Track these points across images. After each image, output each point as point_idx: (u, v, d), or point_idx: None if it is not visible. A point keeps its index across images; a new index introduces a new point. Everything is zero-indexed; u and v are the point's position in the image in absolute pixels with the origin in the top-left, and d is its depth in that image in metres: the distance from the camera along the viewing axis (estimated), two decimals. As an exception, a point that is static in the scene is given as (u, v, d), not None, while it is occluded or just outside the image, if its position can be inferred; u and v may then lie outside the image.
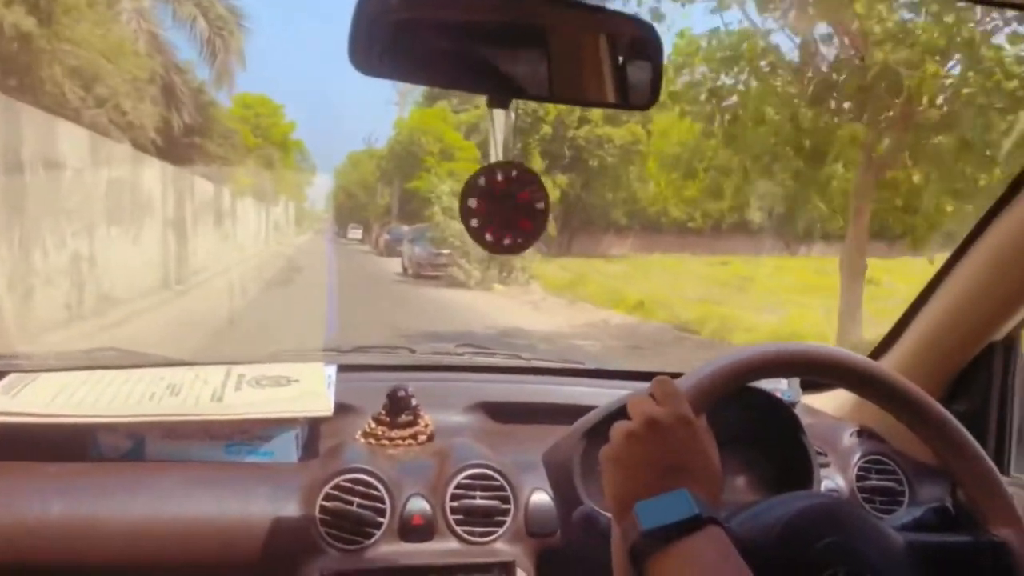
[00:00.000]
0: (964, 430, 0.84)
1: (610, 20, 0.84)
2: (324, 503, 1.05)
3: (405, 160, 24.25)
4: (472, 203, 0.81)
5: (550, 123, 22.35)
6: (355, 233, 38.09)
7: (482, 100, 0.82)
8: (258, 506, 1.05)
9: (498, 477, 1.12)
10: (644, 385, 0.77)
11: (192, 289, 11.87)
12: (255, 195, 21.15)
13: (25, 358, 1.44)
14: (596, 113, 20.48)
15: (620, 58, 0.84)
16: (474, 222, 0.82)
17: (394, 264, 18.16)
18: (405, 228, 20.70)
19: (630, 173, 22.99)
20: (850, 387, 0.90)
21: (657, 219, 24.42)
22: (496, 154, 0.85)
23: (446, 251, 15.02)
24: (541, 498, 1.12)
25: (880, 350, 1.41)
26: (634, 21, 0.86)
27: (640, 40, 0.85)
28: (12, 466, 1.07)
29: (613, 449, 0.72)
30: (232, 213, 17.34)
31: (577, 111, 20.73)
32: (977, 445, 0.84)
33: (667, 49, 1.48)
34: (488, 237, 0.82)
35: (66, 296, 7.99)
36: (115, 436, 1.14)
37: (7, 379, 1.21)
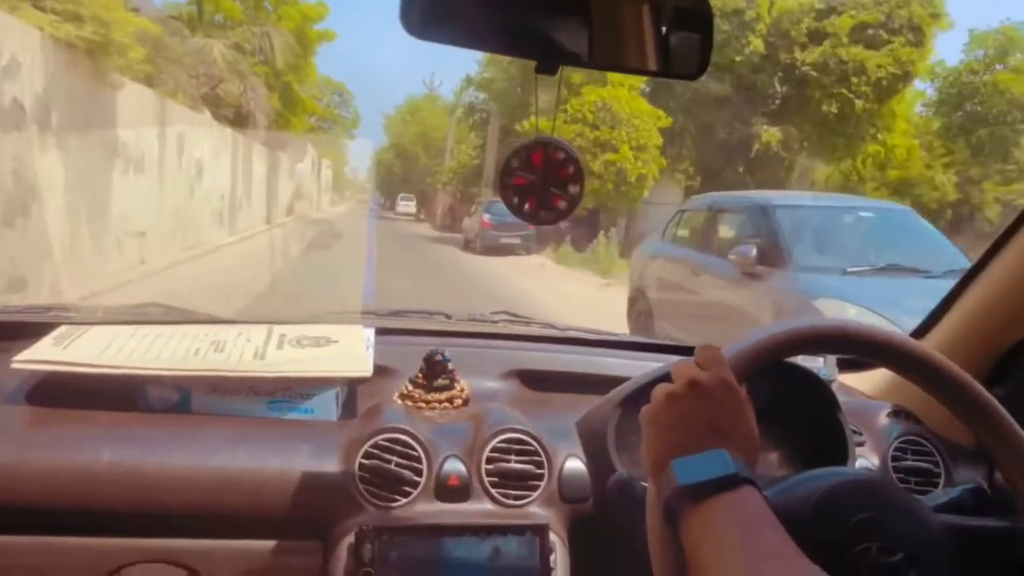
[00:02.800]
0: (1006, 413, 0.83)
1: None
2: (363, 460, 1.07)
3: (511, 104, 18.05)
4: (512, 176, 0.83)
5: (760, 35, 16.07)
6: (406, 206, 32.85)
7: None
8: (299, 461, 1.08)
9: (532, 442, 1.13)
10: (678, 358, 0.78)
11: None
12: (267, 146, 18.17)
13: (75, 310, 1.49)
14: (838, 26, 15.26)
15: (663, 27, 0.83)
16: (511, 193, 0.83)
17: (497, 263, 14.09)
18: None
19: (891, 123, 16.50)
20: (891, 366, 0.89)
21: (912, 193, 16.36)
22: (537, 124, 0.85)
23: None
24: (575, 464, 1.14)
25: (922, 330, 1.40)
26: None
27: (689, 8, 0.84)
28: (65, 414, 1.11)
29: (654, 408, 0.73)
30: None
31: (805, 20, 15.64)
32: (1019, 429, 0.83)
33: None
34: (527, 207, 0.84)
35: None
36: (163, 389, 1.18)
37: (58, 330, 1.25)
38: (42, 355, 1.16)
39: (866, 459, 1.24)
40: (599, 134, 15.70)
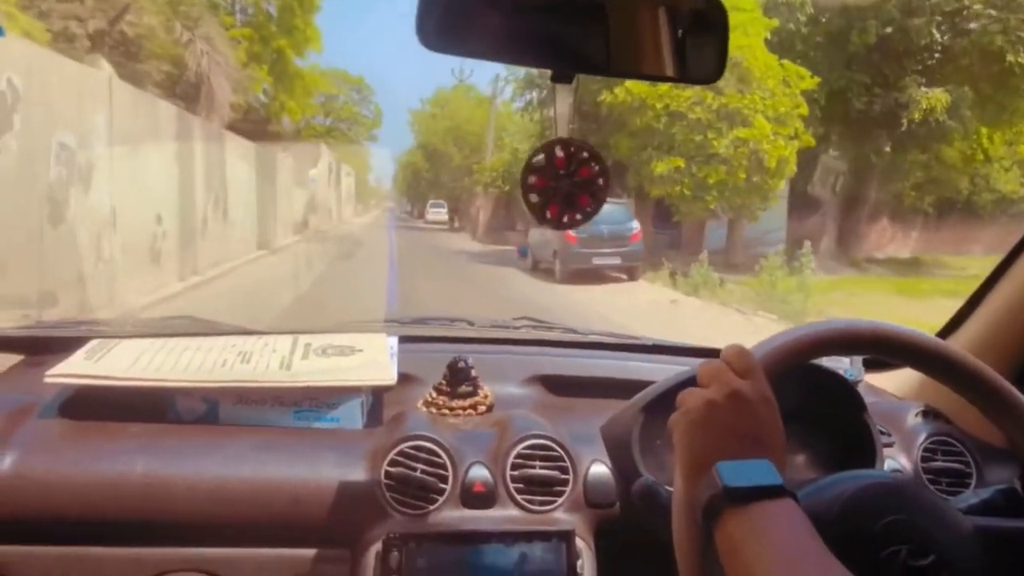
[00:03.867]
0: None
1: None
2: (389, 468, 1.08)
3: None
4: (532, 179, 0.82)
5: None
6: (437, 213, 28.71)
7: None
8: (326, 470, 1.09)
9: (557, 448, 1.14)
10: (700, 361, 0.78)
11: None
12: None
13: (105, 324, 1.52)
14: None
15: (683, 29, 0.83)
16: (534, 197, 0.83)
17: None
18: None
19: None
20: (919, 367, 0.88)
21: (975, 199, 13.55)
22: (557, 130, 0.85)
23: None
24: (600, 469, 1.14)
25: (949, 329, 1.38)
26: None
27: (702, 14, 0.84)
28: (97, 426, 1.13)
29: (691, 413, 0.73)
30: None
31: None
32: None
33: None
34: (549, 214, 0.84)
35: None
36: (191, 400, 1.19)
37: (90, 344, 1.28)
38: (75, 369, 1.19)
39: (895, 460, 1.23)
40: (725, 101, 11.65)
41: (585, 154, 0.82)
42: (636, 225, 12.46)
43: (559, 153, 0.82)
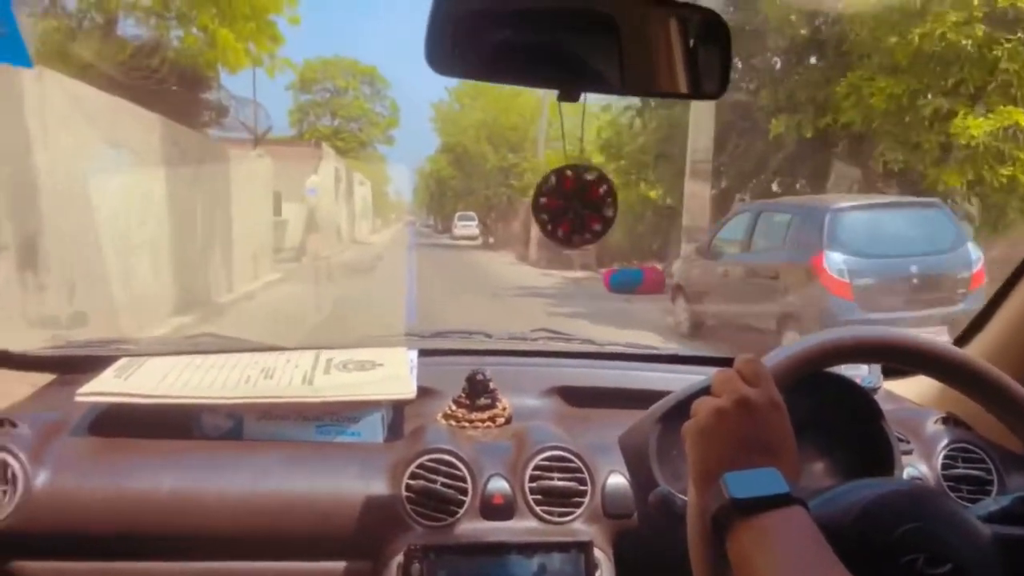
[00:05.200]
0: None
1: (676, 9, 0.85)
2: (410, 481, 1.10)
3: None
4: (543, 200, 0.85)
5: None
6: (466, 227, 24.06)
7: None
8: (348, 484, 1.11)
9: (575, 459, 1.15)
10: (716, 371, 0.78)
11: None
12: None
13: (133, 343, 1.55)
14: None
15: (691, 44, 0.85)
16: (545, 217, 0.85)
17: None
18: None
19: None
20: (935, 375, 0.88)
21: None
22: (564, 149, 0.87)
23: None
24: (618, 480, 1.14)
25: (965, 337, 1.37)
26: (700, 10, 0.86)
27: (708, 28, 0.86)
28: (126, 443, 1.16)
29: (701, 422, 0.73)
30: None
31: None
32: None
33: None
34: (560, 232, 0.86)
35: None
36: (217, 416, 1.22)
37: (119, 363, 1.31)
38: (104, 387, 1.22)
39: (915, 468, 1.22)
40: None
41: (591, 176, 0.84)
42: (978, 257, 6.04)
43: (568, 174, 0.84)
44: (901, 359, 0.88)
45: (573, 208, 0.85)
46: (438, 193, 27.78)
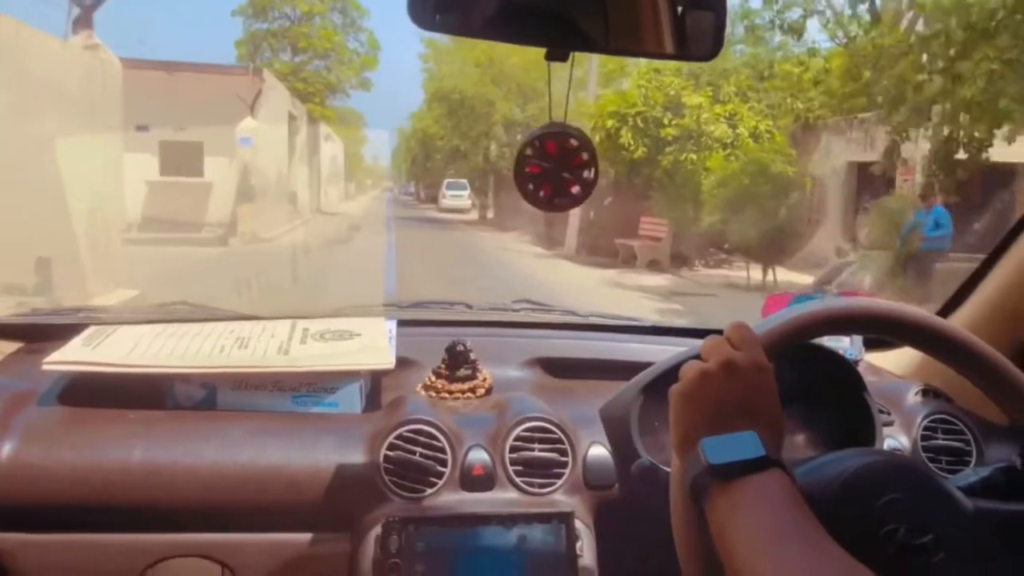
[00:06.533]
0: None
1: None
2: (388, 452, 1.08)
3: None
4: (527, 165, 0.83)
5: None
6: (456, 197, 20.77)
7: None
8: (325, 454, 1.09)
9: (556, 430, 1.14)
10: (699, 342, 0.77)
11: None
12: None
13: (103, 311, 1.51)
14: None
15: (679, 7, 0.82)
16: (527, 181, 0.83)
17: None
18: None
19: None
20: (918, 345, 0.88)
21: None
22: (550, 113, 0.84)
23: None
24: (599, 451, 1.14)
25: (948, 308, 1.37)
26: None
27: None
28: (96, 413, 1.13)
29: (684, 385, 0.73)
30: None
31: None
32: None
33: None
34: (541, 194, 0.84)
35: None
36: (189, 386, 1.19)
37: (87, 331, 1.28)
38: (72, 356, 1.18)
39: (895, 439, 1.23)
40: None
41: (575, 142, 0.82)
42: None
43: (551, 140, 0.82)
44: (886, 330, 0.88)
45: (554, 172, 0.83)
46: (422, 156, 23.13)
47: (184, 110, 11.33)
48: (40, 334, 1.35)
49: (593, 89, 14.33)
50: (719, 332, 0.77)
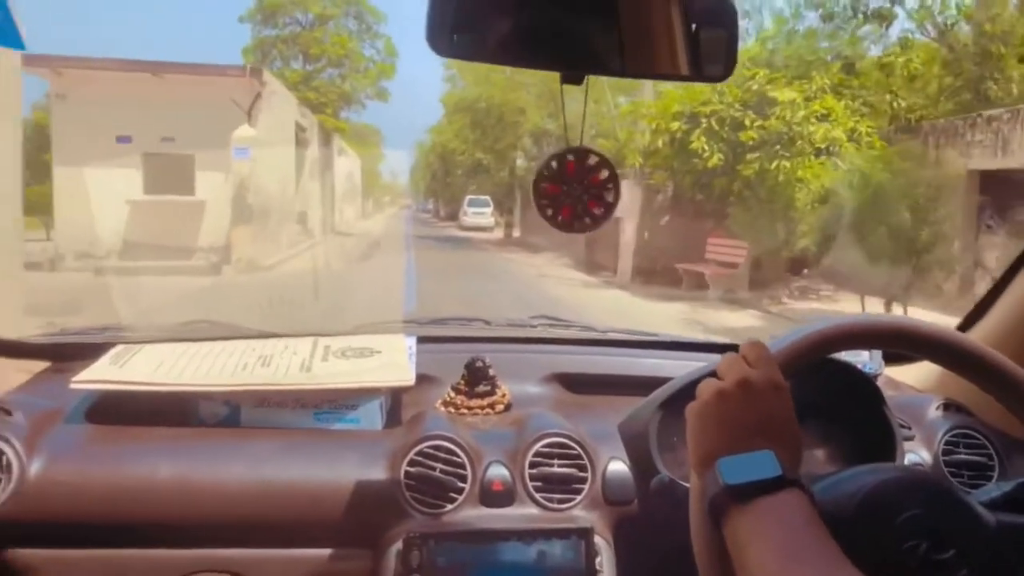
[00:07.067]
0: None
1: None
2: (408, 468, 1.09)
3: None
4: (545, 186, 0.83)
5: None
6: (478, 214, 19.54)
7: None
8: (347, 471, 1.11)
9: (575, 446, 1.14)
10: (718, 357, 0.78)
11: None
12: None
13: (129, 330, 1.54)
14: None
15: (693, 26, 0.83)
16: (546, 203, 0.84)
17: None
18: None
19: None
20: (938, 360, 0.87)
21: None
22: (567, 136, 0.85)
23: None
24: (618, 467, 1.14)
25: (968, 323, 1.37)
26: None
27: (712, 11, 0.84)
28: (122, 431, 1.15)
29: (701, 405, 0.73)
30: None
31: None
32: None
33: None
34: (561, 217, 0.85)
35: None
36: (213, 404, 1.21)
37: (115, 350, 1.30)
38: (100, 375, 1.21)
39: (916, 454, 1.22)
40: None
41: (595, 160, 0.83)
42: None
43: (570, 158, 0.82)
44: (906, 345, 0.87)
45: (574, 193, 0.84)
46: (441, 172, 22.22)
47: (173, 118, 9.86)
48: (67, 354, 1.38)
49: (651, 88, 12.38)
50: (736, 347, 0.77)
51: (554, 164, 0.83)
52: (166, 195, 10.50)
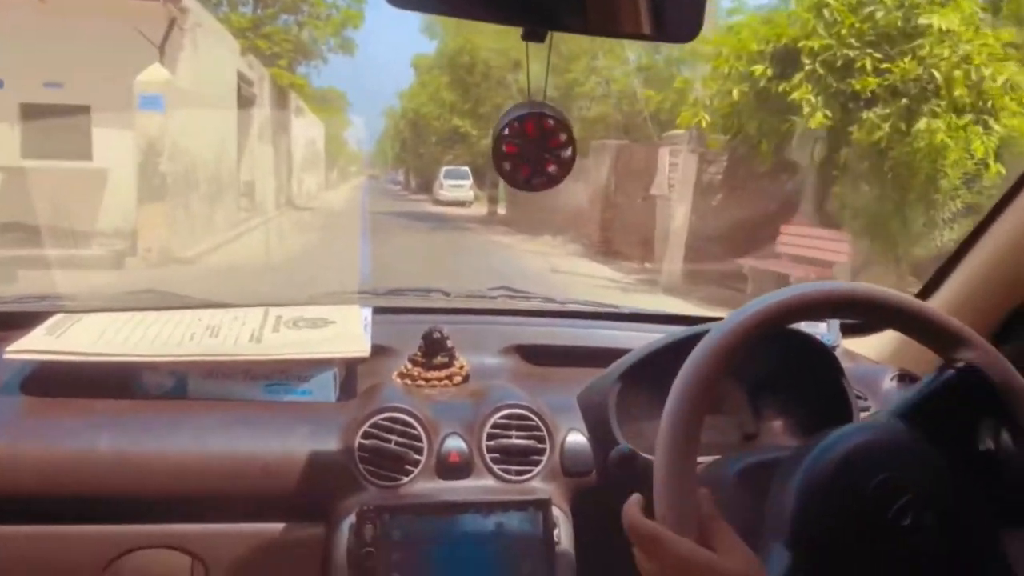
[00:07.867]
0: (1014, 370, 0.82)
1: None
2: (363, 440, 1.07)
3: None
4: (504, 147, 0.81)
5: None
6: (456, 188, 17.72)
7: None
8: (298, 443, 1.07)
9: (533, 417, 1.13)
10: (679, 329, 0.77)
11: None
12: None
13: (69, 299, 1.48)
14: None
15: None
16: (506, 164, 0.82)
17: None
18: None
19: None
20: (897, 327, 0.89)
21: None
22: (529, 93, 0.83)
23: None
24: (576, 438, 1.13)
25: (927, 290, 1.38)
26: None
27: None
28: (61, 403, 1.10)
29: None
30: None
31: None
32: None
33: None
34: (520, 174, 0.83)
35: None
36: (158, 375, 1.16)
37: (53, 319, 1.24)
38: (35, 345, 1.15)
39: None
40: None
41: (553, 122, 0.81)
42: None
43: (529, 120, 0.80)
44: (865, 312, 0.88)
45: (532, 152, 0.82)
46: (413, 140, 19.96)
47: (60, 56, 7.43)
48: (2, 322, 1.31)
49: (718, 16, 8.84)
50: (697, 319, 0.76)
51: (515, 123, 0.81)
52: (52, 160, 7.96)
